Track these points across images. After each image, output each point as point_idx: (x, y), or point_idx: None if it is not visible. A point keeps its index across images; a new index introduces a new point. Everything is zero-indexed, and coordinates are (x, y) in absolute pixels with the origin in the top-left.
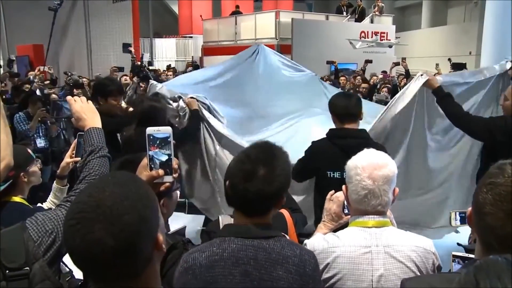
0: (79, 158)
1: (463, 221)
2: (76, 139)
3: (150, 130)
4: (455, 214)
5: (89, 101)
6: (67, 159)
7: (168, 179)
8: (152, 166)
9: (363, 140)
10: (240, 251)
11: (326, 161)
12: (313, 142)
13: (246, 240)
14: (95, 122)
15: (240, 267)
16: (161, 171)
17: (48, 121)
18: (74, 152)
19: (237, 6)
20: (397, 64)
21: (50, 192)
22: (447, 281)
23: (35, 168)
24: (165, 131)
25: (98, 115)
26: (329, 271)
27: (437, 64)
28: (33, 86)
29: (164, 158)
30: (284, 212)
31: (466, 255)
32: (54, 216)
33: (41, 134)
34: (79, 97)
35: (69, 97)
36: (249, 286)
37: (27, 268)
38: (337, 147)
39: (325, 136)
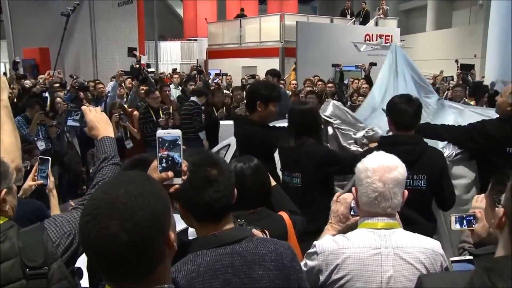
0: (42, 181)
1: (469, 224)
2: (37, 164)
3: (160, 133)
4: (455, 218)
5: (102, 112)
6: (29, 181)
7: (178, 181)
8: (162, 168)
9: (414, 147)
10: (215, 262)
11: None
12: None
13: (218, 249)
14: (107, 132)
15: (219, 278)
16: (170, 173)
17: (47, 124)
18: (36, 175)
19: (242, 9)
20: None
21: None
22: (462, 279)
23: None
24: (175, 134)
25: (111, 125)
26: (338, 272)
27: (441, 72)
28: (35, 88)
29: (174, 160)
30: (284, 214)
31: (462, 257)
32: (72, 219)
33: (41, 136)
34: (94, 107)
35: (84, 107)
36: None
37: (46, 267)
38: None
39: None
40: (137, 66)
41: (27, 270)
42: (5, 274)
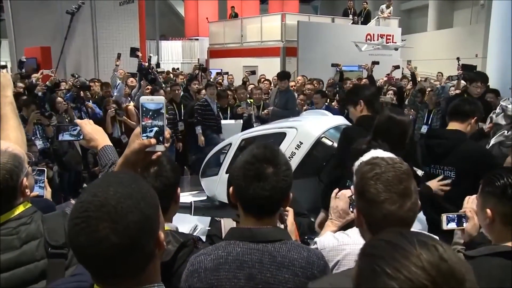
0: (37, 193)
1: (459, 223)
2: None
3: (143, 99)
4: (446, 217)
5: (95, 124)
6: None
7: (160, 148)
8: (146, 136)
9: (445, 141)
10: (245, 254)
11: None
12: None
13: (251, 244)
14: (105, 141)
15: (245, 270)
16: (153, 140)
17: (43, 123)
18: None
19: (233, 8)
20: (396, 67)
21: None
22: None
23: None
24: (158, 101)
25: (107, 135)
26: (339, 269)
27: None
28: (36, 90)
29: (156, 128)
30: None
31: None
32: None
33: (39, 136)
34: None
35: (79, 121)
36: None
37: (66, 249)
38: (424, 146)
39: None
40: (147, 65)
41: (50, 249)
42: (31, 252)
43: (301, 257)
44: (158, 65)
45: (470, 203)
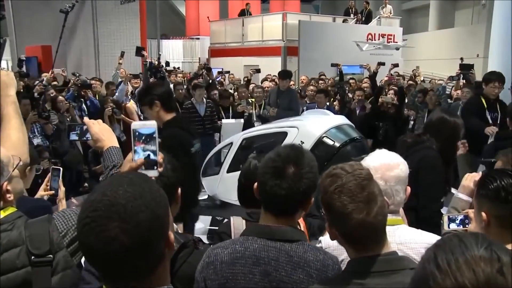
0: (53, 192)
1: (462, 224)
2: (49, 174)
3: (135, 125)
4: (448, 218)
5: (104, 123)
6: (41, 192)
7: (154, 173)
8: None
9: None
10: (261, 251)
11: None
12: None
13: (268, 241)
14: (112, 142)
15: (261, 267)
16: (139, 160)
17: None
18: (48, 184)
19: (248, 5)
20: (395, 65)
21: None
22: None
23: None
24: (150, 126)
25: (114, 135)
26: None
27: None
28: (35, 90)
29: (149, 152)
30: None
31: None
32: None
33: (37, 133)
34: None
35: (86, 120)
36: (267, 287)
37: (51, 256)
38: (495, 148)
39: None
40: (157, 63)
41: (32, 257)
42: (12, 261)
43: (317, 260)
44: (167, 63)
45: (469, 180)
